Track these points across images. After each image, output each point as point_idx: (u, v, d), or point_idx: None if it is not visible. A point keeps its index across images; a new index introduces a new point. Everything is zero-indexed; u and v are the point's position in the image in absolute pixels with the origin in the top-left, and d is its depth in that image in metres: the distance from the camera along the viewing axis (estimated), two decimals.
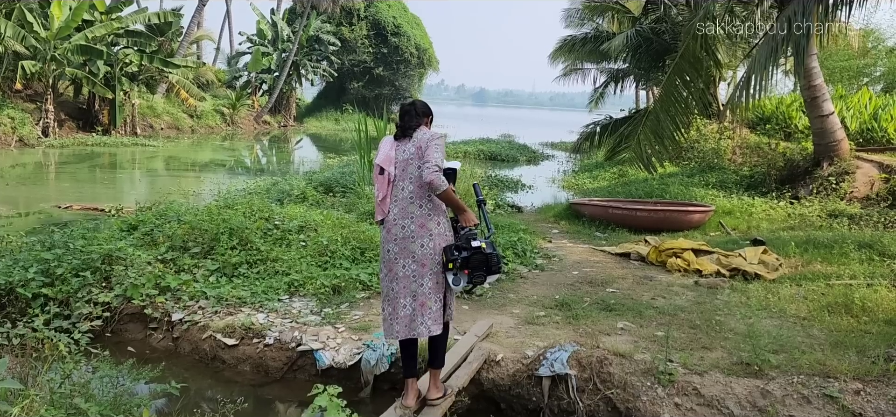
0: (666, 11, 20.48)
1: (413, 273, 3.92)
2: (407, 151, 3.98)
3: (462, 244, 3.90)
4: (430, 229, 3.91)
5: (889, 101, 19.14)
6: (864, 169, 13.82)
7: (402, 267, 3.93)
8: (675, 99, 15.53)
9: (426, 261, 3.90)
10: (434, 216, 3.94)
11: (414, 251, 3.91)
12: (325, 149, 30.02)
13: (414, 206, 3.92)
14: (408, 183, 3.95)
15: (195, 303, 5.97)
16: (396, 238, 3.94)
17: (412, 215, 3.91)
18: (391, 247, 3.97)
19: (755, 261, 7.99)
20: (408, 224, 3.91)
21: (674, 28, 20.20)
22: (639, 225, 10.89)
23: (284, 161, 25.53)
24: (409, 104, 4.16)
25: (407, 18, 50.44)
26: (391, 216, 3.98)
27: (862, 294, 6.37)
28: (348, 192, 11.84)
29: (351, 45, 47.13)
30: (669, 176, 16.36)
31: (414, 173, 3.92)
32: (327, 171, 15.41)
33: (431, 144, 3.88)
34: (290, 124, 43.11)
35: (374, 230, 7.91)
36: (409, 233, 3.91)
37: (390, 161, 4.00)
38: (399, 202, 3.96)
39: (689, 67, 15.17)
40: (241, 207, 8.39)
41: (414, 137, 3.99)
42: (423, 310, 3.91)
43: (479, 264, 3.88)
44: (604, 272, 7.82)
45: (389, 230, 3.98)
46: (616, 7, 23.09)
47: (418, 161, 3.90)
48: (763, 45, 10.08)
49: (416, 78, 51.36)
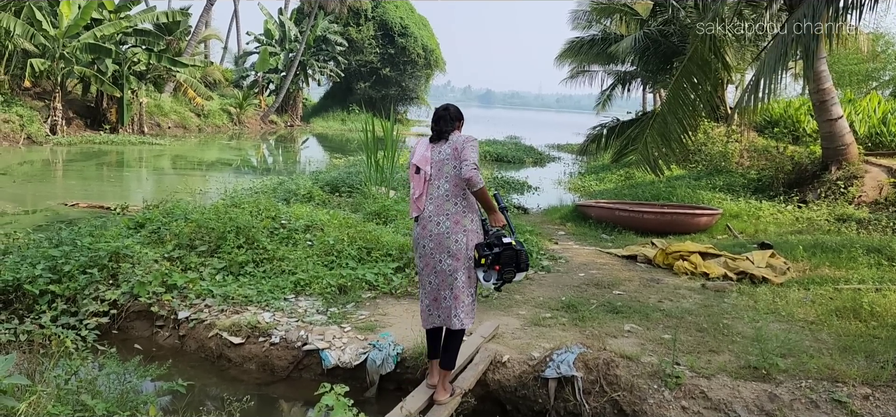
0: (674, 13, 20.44)
1: (450, 268, 4.11)
2: (443, 152, 4.17)
3: (493, 241, 4.11)
4: (465, 226, 4.11)
5: None
6: (872, 173, 13.75)
7: (439, 262, 4.13)
8: (682, 101, 15.50)
9: (460, 256, 4.09)
10: (468, 214, 4.13)
11: (449, 247, 4.08)
12: (331, 149, 30.07)
13: (449, 204, 4.11)
14: (443, 182, 4.13)
15: (201, 301, 5.98)
16: (432, 235, 4.13)
17: (448, 212, 4.10)
18: (427, 243, 4.16)
19: (763, 265, 7.95)
20: (443, 221, 4.10)
21: (682, 30, 20.15)
22: (645, 228, 10.86)
23: (291, 161, 25.60)
24: (444, 109, 4.34)
25: (414, 19, 50.47)
26: (426, 213, 4.16)
27: (871, 299, 6.33)
28: (355, 192, 11.84)
29: (358, 46, 47.20)
30: (676, 179, 16.31)
31: (450, 172, 4.11)
32: (333, 171, 15.43)
33: (467, 146, 4.09)
34: (296, 124, 43.19)
35: (380, 231, 7.91)
36: (445, 229, 4.09)
37: (426, 161, 4.19)
38: (435, 200, 4.14)
39: (697, 69, 15.14)
40: (248, 206, 8.40)
41: (449, 140, 4.19)
42: (457, 303, 4.11)
43: (509, 260, 4.07)
44: (610, 274, 7.80)
45: (425, 227, 4.17)
46: (624, 9, 23.05)
47: (454, 161, 4.10)
48: (772, 49, 10.04)
49: (422, 79, 51.39)
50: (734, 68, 18.30)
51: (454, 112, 4.35)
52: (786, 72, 10.15)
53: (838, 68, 33.95)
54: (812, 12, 9.20)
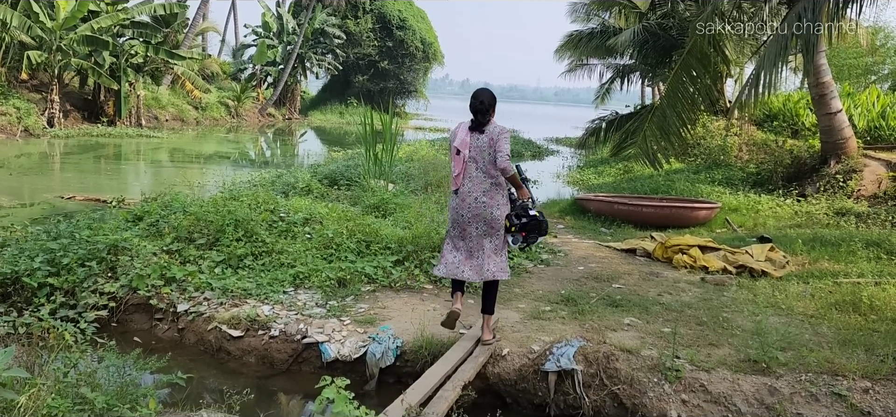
0: (673, 7, 20.38)
1: (484, 233, 4.92)
2: (481, 140, 4.87)
3: (520, 212, 4.92)
4: (498, 201, 4.91)
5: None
6: (871, 167, 13.75)
7: (475, 228, 4.93)
8: (681, 95, 15.47)
9: (494, 224, 4.91)
10: (499, 192, 4.92)
11: (485, 217, 4.89)
12: (329, 142, 30.03)
13: (485, 183, 4.88)
14: (480, 165, 4.87)
15: (200, 294, 5.97)
16: (470, 207, 4.91)
17: (484, 190, 4.88)
18: (465, 213, 4.94)
19: (762, 258, 7.95)
20: (480, 197, 4.88)
21: (681, 24, 20.11)
22: (644, 221, 10.85)
23: (289, 154, 25.55)
24: (480, 102, 4.92)
25: (412, 12, 50.33)
26: (465, 189, 4.92)
27: (870, 293, 6.33)
28: (353, 185, 11.81)
29: (356, 39, 47.07)
30: (675, 173, 16.30)
31: (486, 158, 4.85)
32: (332, 164, 15.39)
33: (501, 138, 4.83)
34: (294, 117, 43.13)
35: (379, 224, 7.89)
36: (481, 204, 4.88)
37: (466, 145, 4.90)
38: (472, 179, 4.90)
39: (697, 63, 15.11)
40: (247, 199, 8.38)
41: (487, 130, 4.88)
42: (490, 261, 4.91)
43: (533, 228, 4.91)
44: (609, 267, 7.79)
45: (463, 200, 4.94)
46: (622, 2, 22.96)
47: (490, 150, 4.83)
48: (772, 42, 10.03)
49: (421, 72, 51.26)
50: (733, 62, 18.26)
51: (489, 102, 4.95)
52: (786, 66, 10.12)
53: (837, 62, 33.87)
54: (812, 6, 9.19)
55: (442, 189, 11.70)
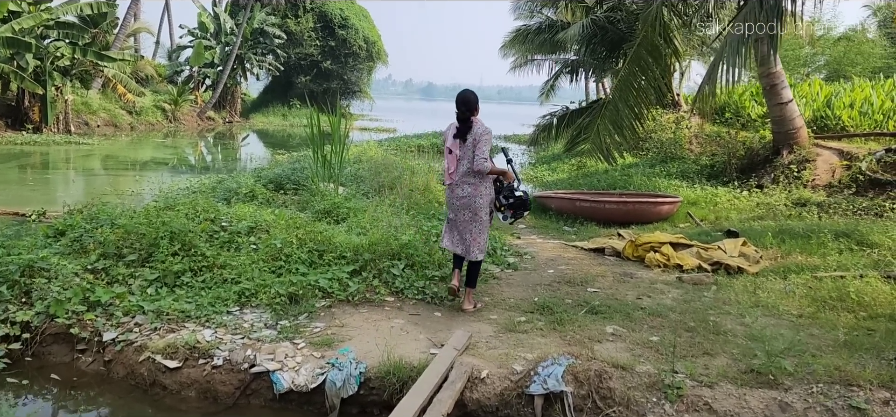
0: (620, 0, 20.22)
1: (471, 219, 5.73)
2: (467, 141, 5.65)
3: (507, 193, 5.86)
4: (482, 192, 5.73)
5: (841, 88, 19.25)
6: (824, 156, 13.72)
7: (463, 215, 5.75)
8: (633, 88, 15.24)
9: (479, 212, 5.73)
10: (484, 183, 5.74)
11: (471, 206, 5.71)
12: (272, 145, 28.99)
13: (471, 177, 5.69)
14: (467, 162, 5.67)
15: (131, 319, 5.23)
16: (459, 197, 5.75)
17: (470, 183, 5.70)
18: (456, 202, 5.78)
19: (736, 254, 7.61)
20: (466, 188, 5.72)
21: (629, 17, 19.96)
22: (607, 218, 10.46)
23: (230, 158, 24.49)
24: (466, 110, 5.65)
25: (354, 11, 49.41)
26: (456, 182, 5.76)
27: (856, 288, 6.01)
28: (301, 189, 11.08)
29: (297, 39, 45.91)
30: (630, 167, 16.07)
31: (471, 157, 5.61)
32: (277, 167, 14.57)
33: (481, 140, 5.59)
34: (235, 120, 41.72)
35: (332, 231, 7.22)
36: (468, 194, 5.72)
37: (456, 145, 5.71)
38: (461, 174, 5.71)
39: (647, 54, 14.90)
40: (184, 207, 7.61)
41: (472, 131, 5.62)
42: (475, 244, 5.73)
43: (519, 205, 5.89)
44: (581, 269, 7.32)
45: (454, 191, 5.78)
46: None
47: (473, 150, 5.59)
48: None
49: (365, 71, 50.38)
50: (683, 54, 18.15)
51: (472, 105, 5.70)
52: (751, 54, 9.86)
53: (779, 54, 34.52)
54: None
55: (395, 191, 11.09)
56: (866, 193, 11.55)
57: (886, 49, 27.59)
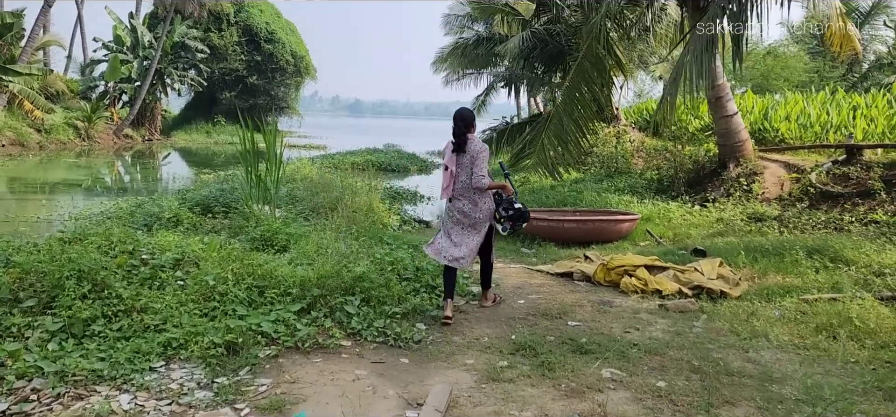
0: (558, 13, 19.90)
1: (467, 234, 5.94)
2: (463, 159, 5.85)
3: (506, 206, 5.95)
4: (481, 207, 5.92)
5: (778, 101, 19.45)
6: (771, 169, 13.58)
7: (460, 228, 5.95)
8: (577, 102, 14.88)
9: (477, 225, 5.94)
10: (483, 198, 5.93)
11: (472, 220, 5.92)
12: (197, 164, 27.45)
13: (469, 192, 5.88)
14: (465, 178, 5.85)
15: (27, 384, 4.20)
16: (460, 211, 5.93)
17: (469, 198, 5.90)
18: (455, 215, 5.96)
19: (714, 276, 7.09)
20: (466, 204, 5.91)
21: (568, 30, 19.66)
22: (566, 238, 9.86)
23: (151, 179, 22.94)
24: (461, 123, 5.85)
25: (281, 24, 48.02)
26: (455, 196, 5.93)
27: (858, 313, 5.52)
28: (232, 212, 10.06)
29: (221, 53, 44.19)
30: (577, 182, 15.62)
31: (469, 173, 5.81)
32: (203, 188, 13.43)
33: (478, 158, 5.79)
34: (155, 138, 39.64)
35: (273, 262, 6.29)
36: (468, 209, 5.91)
37: (453, 162, 5.88)
38: (460, 190, 5.90)
39: (591, 67, 14.57)
40: (96, 238, 6.55)
41: (468, 149, 5.82)
42: (470, 255, 5.93)
43: (518, 216, 5.97)
44: (553, 298, 6.63)
45: (454, 205, 5.95)
46: (505, 9, 22.30)
47: (471, 167, 5.80)
48: (693, 42, 9.34)
49: (292, 87, 49.01)
50: (626, 67, 17.91)
51: (469, 122, 5.92)
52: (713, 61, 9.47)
53: None
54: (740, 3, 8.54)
55: (336, 213, 10.20)
56: (820, 206, 11.36)
57: (807, 64, 28.39)
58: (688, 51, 9.30)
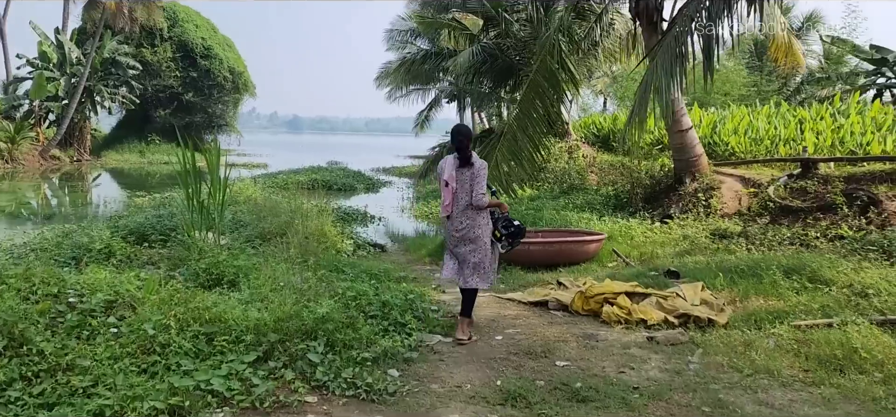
0: (507, 27, 19.62)
1: (470, 251, 5.94)
2: (464, 175, 5.84)
3: (505, 224, 6.09)
4: (480, 223, 5.94)
5: (725, 115, 19.55)
6: (728, 184, 13.46)
7: (463, 246, 5.96)
8: (531, 117, 14.56)
9: (478, 243, 5.94)
10: (482, 216, 5.96)
11: (470, 237, 5.92)
12: (130, 186, 26.04)
13: (469, 210, 5.89)
14: (465, 195, 5.86)
15: None
16: (459, 229, 5.92)
17: (468, 215, 5.90)
18: (454, 234, 5.97)
19: (697, 301, 6.70)
20: (466, 221, 5.90)
21: (518, 44, 19.41)
22: (532, 261, 9.37)
23: (80, 203, 21.57)
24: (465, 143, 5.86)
25: (217, 40, 46.60)
26: (455, 214, 5.91)
27: (862, 343, 5.17)
28: (171, 241, 9.23)
29: (155, 69, 42.49)
30: (533, 200, 15.23)
31: (469, 190, 5.83)
32: (138, 213, 12.46)
33: (479, 175, 5.82)
34: (85, 159, 37.70)
35: (223, 302, 5.58)
36: (468, 227, 5.91)
37: (453, 179, 5.85)
38: (460, 207, 5.88)
39: (545, 82, 14.29)
40: (15, 280, 5.72)
41: (472, 165, 5.83)
42: (476, 273, 5.95)
43: (516, 234, 6.13)
44: (533, 332, 6.11)
45: (453, 223, 5.95)
46: (452, 23, 21.92)
47: (471, 183, 5.81)
48: (662, 54, 9.02)
49: (231, 104, 47.55)
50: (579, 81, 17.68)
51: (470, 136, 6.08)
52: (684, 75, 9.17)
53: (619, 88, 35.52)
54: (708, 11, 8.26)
55: (286, 239, 9.48)
56: (781, 221, 11.21)
57: (746, 78, 28.97)
58: (656, 66, 8.96)
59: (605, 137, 22.73)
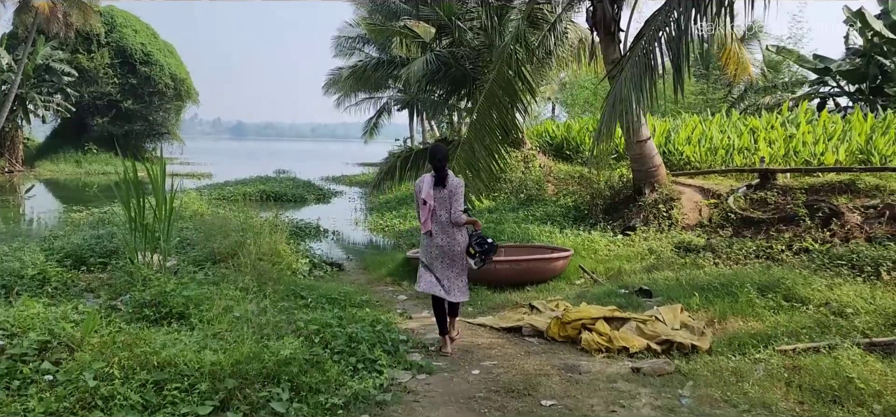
0: (461, 36, 19.33)
1: (449, 265, 6.25)
2: (442, 193, 6.15)
3: (478, 241, 6.38)
4: (458, 240, 6.26)
5: (678, 124, 19.62)
6: (687, 194, 13.38)
7: (441, 262, 6.24)
8: (488, 127, 14.31)
9: (456, 258, 6.27)
10: (459, 232, 6.27)
11: (449, 253, 6.23)
12: (66, 199, 24.76)
13: (448, 227, 6.19)
14: (444, 212, 6.17)
15: None
16: (438, 246, 6.22)
17: (447, 232, 6.20)
18: (433, 251, 6.26)
19: (677, 325, 6.44)
20: (444, 237, 6.21)
21: (472, 53, 19.13)
22: (498, 280, 9.00)
23: (11, 219, 20.31)
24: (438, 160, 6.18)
25: (158, 46, 45.08)
26: (434, 231, 6.20)
27: (858, 373, 4.95)
28: (112, 263, 8.55)
29: (91, 76, 40.80)
30: (492, 212, 14.91)
31: (447, 207, 6.14)
32: (75, 232, 11.62)
33: (457, 192, 6.16)
34: (17, 170, 35.88)
35: (177, 346, 5.01)
36: (446, 243, 6.22)
37: (431, 197, 6.14)
38: (439, 224, 6.19)
39: (502, 91, 14.06)
40: None
41: (447, 183, 6.14)
42: (456, 286, 6.27)
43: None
44: (511, 364, 5.72)
45: (433, 240, 6.23)
46: (403, 31, 21.51)
47: (450, 201, 6.13)
48: (632, 67, 8.78)
49: (172, 111, 46.05)
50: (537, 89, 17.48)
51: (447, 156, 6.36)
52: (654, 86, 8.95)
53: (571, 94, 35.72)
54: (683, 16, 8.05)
55: (238, 260, 8.89)
56: (743, 232, 11.14)
57: (693, 86, 29.34)
58: (625, 78, 8.72)
59: (559, 146, 22.62)
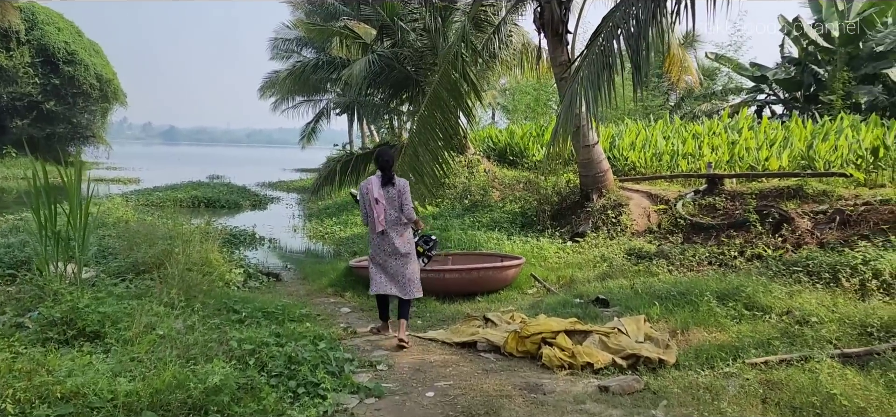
0: (403, 36, 18.84)
1: (403, 264, 6.63)
2: (391, 192, 6.57)
3: (426, 239, 7.61)
4: (408, 238, 6.75)
5: (621, 130, 19.58)
6: (635, 200, 13.21)
7: (394, 260, 6.61)
8: (432, 130, 13.90)
9: (409, 256, 6.70)
10: (408, 230, 6.74)
11: (400, 251, 6.61)
12: None
13: (398, 225, 6.62)
14: (393, 211, 6.58)
15: None
16: (390, 243, 6.58)
17: (397, 231, 6.61)
18: (387, 248, 6.60)
19: (641, 337, 6.07)
20: (395, 236, 6.58)
21: (415, 55, 18.67)
22: (447, 291, 8.52)
23: None
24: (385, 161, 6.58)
25: (83, 45, 42.93)
26: (385, 230, 6.53)
27: (841, 389, 4.64)
28: (21, 275, 7.68)
29: (10, 75, 38.52)
30: (436, 218, 14.42)
31: (397, 206, 6.57)
32: None
33: (405, 193, 6.63)
34: None
35: (87, 373, 4.32)
36: (397, 242, 6.58)
37: (382, 196, 6.52)
38: (389, 223, 6.56)
39: (447, 94, 13.66)
40: None
41: (395, 184, 6.59)
42: (410, 283, 6.65)
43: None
44: (468, 385, 5.22)
45: (384, 238, 6.58)
46: (343, 32, 20.88)
47: (400, 200, 6.57)
48: (588, 66, 8.43)
49: (98, 113, 43.96)
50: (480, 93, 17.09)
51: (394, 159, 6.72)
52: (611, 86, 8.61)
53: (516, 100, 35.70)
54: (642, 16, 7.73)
55: (164, 271, 8.13)
56: (693, 239, 10.97)
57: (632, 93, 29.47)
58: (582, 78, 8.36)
59: (502, 152, 22.34)
